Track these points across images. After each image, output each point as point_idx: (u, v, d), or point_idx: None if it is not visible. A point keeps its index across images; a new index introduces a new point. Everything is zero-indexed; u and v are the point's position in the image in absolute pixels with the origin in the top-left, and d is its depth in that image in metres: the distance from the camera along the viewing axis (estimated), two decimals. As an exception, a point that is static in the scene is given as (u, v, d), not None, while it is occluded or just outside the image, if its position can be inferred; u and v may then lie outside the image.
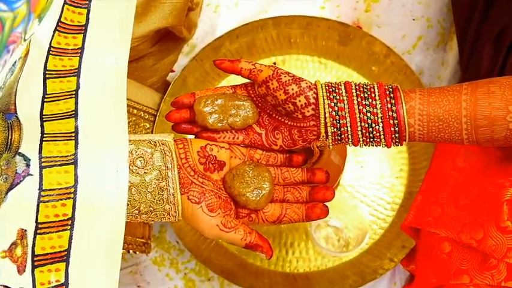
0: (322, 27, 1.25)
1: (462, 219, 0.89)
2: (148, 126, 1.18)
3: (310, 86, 0.79)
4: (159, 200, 0.76)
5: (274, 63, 1.25)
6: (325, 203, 0.82)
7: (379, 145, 0.80)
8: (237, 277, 1.17)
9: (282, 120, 0.81)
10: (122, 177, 0.74)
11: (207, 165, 0.80)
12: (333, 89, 0.79)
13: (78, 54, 0.81)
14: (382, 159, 1.23)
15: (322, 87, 0.79)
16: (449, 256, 0.91)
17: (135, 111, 1.16)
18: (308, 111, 0.79)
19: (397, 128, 0.77)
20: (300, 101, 0.78)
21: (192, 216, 0.77)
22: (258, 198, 0.80)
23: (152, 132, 1.19)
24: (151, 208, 0.76)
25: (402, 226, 1.00)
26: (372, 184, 1.22)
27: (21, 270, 0.69)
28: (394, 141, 0.79)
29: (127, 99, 1.15)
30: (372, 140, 0.79)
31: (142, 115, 1.17)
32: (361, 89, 0.79)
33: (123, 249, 1.10)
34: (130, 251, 1.13)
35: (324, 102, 0.78)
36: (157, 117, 1.19)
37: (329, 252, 1.16)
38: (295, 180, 0.84)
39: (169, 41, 1.15)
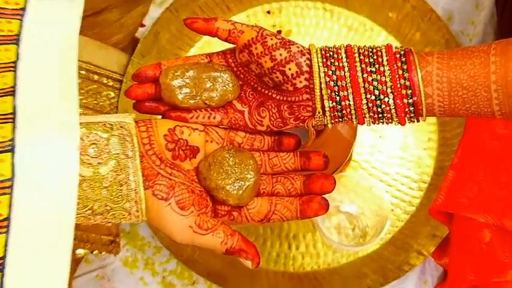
0: None
1: (504, 199, 0.89)
2: (113, 95, 1.18)
3: (302, 51, 0.79)
4: (118, 197, 0.76)
5: (268, 12, 1.24)
6: (325, 195, 0.82)
7: (391, 122, 0.79)
8: (228, 280, 1.18)
9: (269, 94, 0.81)
10: (70, 169, 0.74)
11: (177, 152, 0.80)
12: (331, 53, 0.79)
13: (20, 17, 0.79)
14: (405, 126, 1.21)
15: (317, 51, 0.79)
16: (490, 247, 0.92)
17: (96, 77, 1.16)
18: (300, 82, 0.78)
19: (411, 100, 0.77)
20: (290, 69, 0.78)
21: (159, 216, 0.77)
22: (241, 191, 0.80)
23: (118, 104, 1.18)
24: (107, 207, 0.76)
25: (431, 210, 1.01)
26: (393, 158, 1.22)
27: None
28: (408, 116, 0.78)
29: (85, 62, 1.16)
30: (381, 116, 0.78)
31: (105, 81, 1.17)
32: (366, 53, 0.78)
33: (86, 249, 1.10)
34: (95, 252, 1.14)
35: (319, 70, 0.78)
36: (123, 84, 1.18)
37: (342, 245, 1.16)
38: (286, 167, 0.84)
39: (138, -12, 1.15)
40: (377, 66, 0.77)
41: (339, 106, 0.78)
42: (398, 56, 0.78)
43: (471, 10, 1.26)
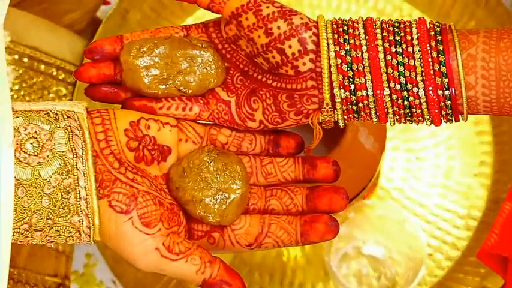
0: None
1: None
2: (64, 91, 1.19)
3: (307, 24, 0.80)
4: (63, 208, 0.77)
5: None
6: (334, 214, 0.83)
7: (421, 121, 0.80)
8: None
9: (263, 79, 0.82)
10: (3, 171, 0.75)
11: (141, 153, 0.82)
12: (345, 28, 0.80)
13: None
14: (451, 144, 1.24)
15: (326, 24, 0.80)
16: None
17: (43, 66, 1.17)
18: (304, 64, 0.80)
19: (447, 92, 0.78)
20: (290, 46, 0.79)
21: (117, 235, 0.78)
22: (224, 206, 0.81)
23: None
24: (49, 221, 0.77)
25: (480, 253, 1.01)
26: (433, 187, 1.23)
27: None
28: (444, 114, 0.79)
29: (29, 47, 1.17)
30: (408, 112, 0.79)
31: (55, 74, 1.18)
32: (391, 28, 0.80)
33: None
34: (37, 298, 1.14)
35: (328, 49, 0.79)
36: (79, 78, 1.20)
37: (362, 298, 1.17)
38: (284, 177, 0.85)
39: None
40: (404, 46, 0.78)
41: (354, 97, 0.79)
42: (432, 33, 0.78)
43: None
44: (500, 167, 1.23)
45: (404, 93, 0.78)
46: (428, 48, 0.78)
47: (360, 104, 0.79)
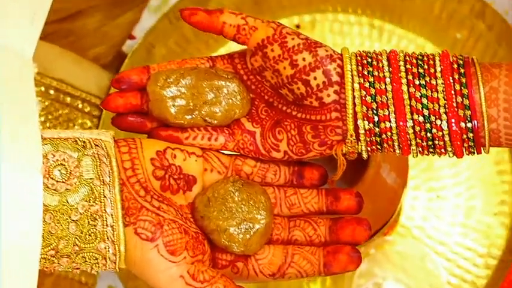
0: None
1: None
2: (89, 124, 1.19)
3: (331, 56, 0.80)
4: (90, 235, 0.77)
5: (298, 27, 1.27)
6: (357, 246, 0.83)
7: (444, 153, 0.80)
8: None
9: (288, 111, 0.83)
10: (32, 198, 0.74)
11: (167, 182, 0.82)
12: (369, 60, 0.80)
13: None
14: (471, 184, 1.24)
15: (351, 57, 0.80)
16: None
17: (69, 99, 1.17)
18: (328, 96, 0.80)
19: (470, 124, 0.78)
20: (315, 78, 0.80)
21: (142, 262, 0.78)
22: (248, 236, 0.81)
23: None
24: (76, 247, 0.77)
25: None
26: (453, 226, 1.23)
27: None
28: (467, 146, 0.80)
29: (56, 79, 1.17)
30: (431, 144, 0.80)
31: (81, 106, 1.18)
32: (415, 61, 0.80)
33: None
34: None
35: (352, 81, 0.79)
36: (104, 110, 1.19)
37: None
38: (307, 208, 0.85)
39: (127, -14, 1.17)
40: (428, 78, 0.79)
41: (377, 129, 0.79)
42: (455, 66, 0.79)
43: None
44: None
45: (427, 125, 0.78)
46: (452, 80, 0.78)
47: (384, 136, 0.79)
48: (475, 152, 0.80)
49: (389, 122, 0.79)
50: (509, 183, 1.23)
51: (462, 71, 0.79)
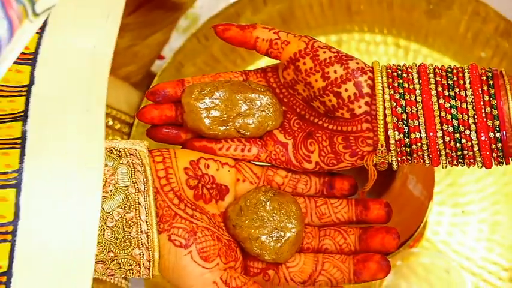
0: None
1: None
2: (119, 140, 1.20)
3: (363, 68, 0.80)
4: (124, 241, 0.77)
5: (325, 46, 1.27)
6: (387, 256, 0.82)
7: (473, 164, 0.79)
8: None
9: (319, 123, 0.82)
10: (90, 214, 0.74)
11: (200, 191, 0.81)
12: (399, 73, 0.79)
13: (38, 30, 0.81)
14: (497, 200, 1.22)
15: (381, 69, 0.80)
16: None
17: (100, 117, 1.18)
18: (359, 107, 0.79)
19: (498, 134, 0.77)
20: (346, 90, 0.79)
21: (176, 268, 0.78)
22: (280, 244, 0.80)
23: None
24: (111, 253, 0.77)
25: None
26: (479, 241, 1.21)
27: None
28: (495, 156, 0.78)
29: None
30: (460, 154, 0.79)
31: (111, 123, 1.18)
32: (444, 73, 0.79)
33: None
34: None
35: (383, 92, 0.78)
36: (134, 127, 1.20)
37: None
38: (337, 218, 0.85)
39: (157, 8, 1.16)
40: (457, 90, 0.78)
41: (408, 139, 0.78)
42: (484, 78, 0.78)
43: None
44: None
45: (457, 136, 0.78)
46: (480, 92, 0.77)
47: (414, 146, 0.79)
48: (504, 162, 0.79)
49: (420, 132, 0.78)
50: None
51: (491, 82, 0.78)
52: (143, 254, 0.77)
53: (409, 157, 0.80)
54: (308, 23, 1.28)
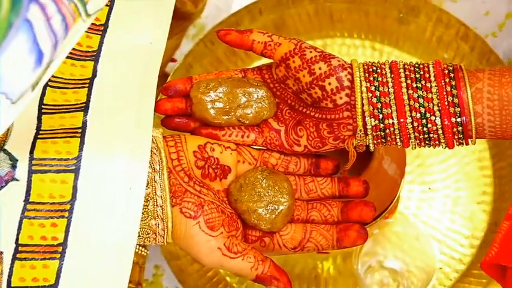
0: (376, 0, 1.26)
1: None
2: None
3: (343, 65, 0.80)
4: (143, 213, 0.77)
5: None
6: (365, 225, 0.83)
7: (438, 145, 0.80)
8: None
9: (307, 112, 0.83)
10: (135, 198, 0.75)
11: (206, 171, 0.82)
12: (374, 68, 0.80)
13: (100, 32, 0.83)
14: (458, 178, 1.23)
15: (359, 66, 0.80)
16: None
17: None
18: (340, 98, 0.80)
19: (459, 119, 0.77)
20: (329, 83, 0.79)
21: (186, 236, 0.78)
22: (274, 216, 0.81)
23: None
24: None
25: (483, 264, 0.98)
26: (443, 213, 1.22)
27: None
28: (457, 138, 0.79)
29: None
30: (427, 137, 0.79)
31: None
32: (412, 69, 0.80)
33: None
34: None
35: (361, 85, 0.79)
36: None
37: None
38: (322, 193, 0.85)
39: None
40: (423, 82, 0.78)
41: (382, 125, 0.79)
42: (446, 72, 0.79)
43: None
44: (499, 196, 1.21)
45: (424, 121, 0.78)
46: (443, 83, 0.78)
47: (387, 131, 0.79)
48: (464, 143, 0.79)
49: (392, 119, 0.78)
50: (489, 177, 1.22)
51: (452, 75, 0.78)
52: (158, 224, 0.77)
53: (383, 140, 0.80)
54: (297, 30, 1.28)
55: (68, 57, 0.77)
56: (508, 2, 1.29)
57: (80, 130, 0.75)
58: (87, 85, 0.79)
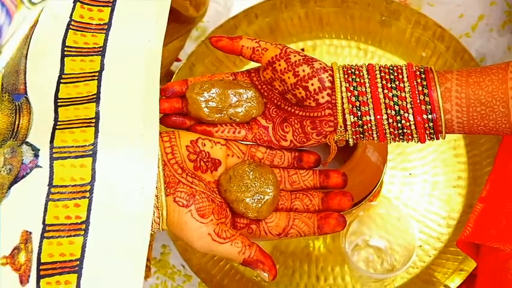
0: (360, 5, 1.24)
1: (533, 230, 0.86)
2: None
3: (324, 68, 0.78)
4: None
5: (302, 50, 1.23)
6: (343, 212, 0.81)
7: (411, 139, 0.78)
8: (258, 307, 1.14)
9: (292, 110, 0.80)
10: (148, 176, 0.74)
11: (198, 163, 0.79)
12: (353, 70, 0.78)
13: (104, 31, 0.82)
14: (436, 165, 1.20)
15: (339, 68, 0.78)
16: (517, 276, 0.88)
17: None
18: (322, 97, 0.77)
19: (430, 116, 0.75)
20: (312, 84, 0.77)
21: (179, 223, 0.75)
22: (260, 205, 0.79)
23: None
24: None
25: (458, 242, 0.97)
26: (422, 196, 1.19)
27: (24, 281, 0.69)
28: (428, 133, 0.77)
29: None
30: (401, 132, 0.77)
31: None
32: (387, 70, 0.78)
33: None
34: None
35: (341, 85, 0.77)
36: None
37: (371, 275, 1.11)
38: (305, 185, 0.83)
39: (174, 21, 1.14)
40: (397, 82, 0.76)
41: (360, 121, 0.77)
42: (418, 73, 0.77)
43: (504, 53, 1.26)
44: (473, 180, 1.19)
45: (398, 118, 0.76)
46: (415, 83, 0.76)
47: (365, 127, 0.77)
48: (434, 138, 0.78)
49: (369, 116, 0.77)
50: (464, 163, 1.20)
51: (423, 76, 0.77)
52: (154, 212, 0.75)
53: (361, 135, 0.78)
54: (290, 32, 1.26)
55: (77, 54, 0.79)
56: (481, 5, 1.28)
57: (93, 120, 0.74)
58: (97, 77, 0.78)
